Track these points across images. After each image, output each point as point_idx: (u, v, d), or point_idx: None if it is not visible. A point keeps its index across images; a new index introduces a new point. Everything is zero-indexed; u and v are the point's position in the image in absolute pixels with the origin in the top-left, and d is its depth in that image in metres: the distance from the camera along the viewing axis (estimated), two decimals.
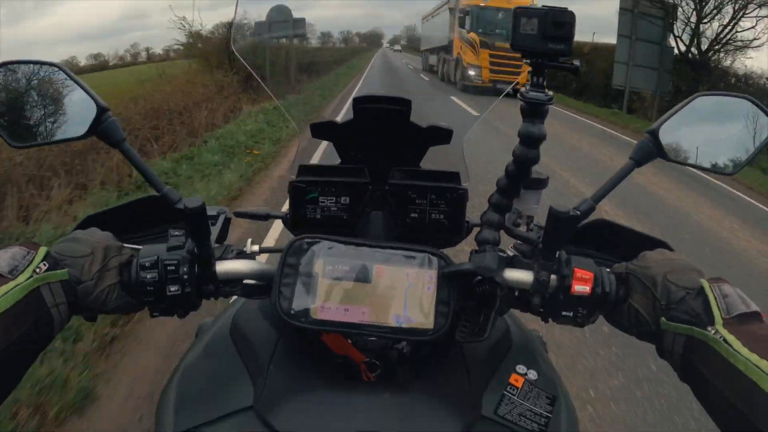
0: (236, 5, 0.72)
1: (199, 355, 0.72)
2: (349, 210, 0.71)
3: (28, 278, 0.50)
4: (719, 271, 0.78)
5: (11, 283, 0.49)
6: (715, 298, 0.51)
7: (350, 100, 0.68)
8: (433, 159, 0.75)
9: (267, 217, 0.76)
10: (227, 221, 0.74)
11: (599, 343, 2.59)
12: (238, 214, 0.77)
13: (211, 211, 0.72)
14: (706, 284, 0.53)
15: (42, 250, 0.54)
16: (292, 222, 0.72)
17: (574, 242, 0.72)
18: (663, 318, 0.54)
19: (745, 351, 0.45)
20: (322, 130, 0.71)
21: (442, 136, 0.70)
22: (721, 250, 4.49)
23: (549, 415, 0.64)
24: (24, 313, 0.49)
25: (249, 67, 0.73)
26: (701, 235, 4.87)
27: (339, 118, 0.71)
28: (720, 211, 5.82)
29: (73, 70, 0.61)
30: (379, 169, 0.71)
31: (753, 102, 0.63)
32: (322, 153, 2.80)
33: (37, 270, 0.52)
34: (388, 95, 0.66)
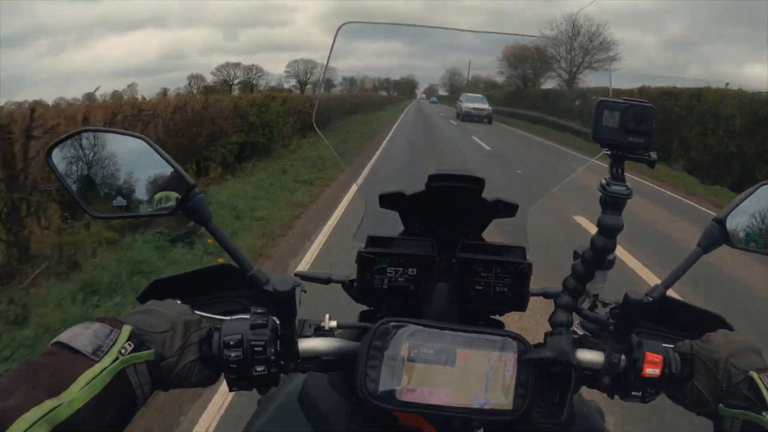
0: (322, 74, 0.72)
1: (268, 422, 0.71)
2: (415, 281, 0.72)
3: (114, 360, 0.49)
4: None
5: (97, 366, 0.48)
6: (765, 387, 0.54)
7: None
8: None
9: (329, 281, 0.76)
10: (301, 294, 0.73)
11: None
12: (300, 275, 0.77)
13: (284, 283, 0.72)
14: (755, 375, 0.55)
15: (126, 329, 0.53)
16: (359, 290, 0.72)
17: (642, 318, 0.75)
18: (721, 405, 0.57)
19: None
20: (391, 200, 0.72)
21: (507, 209, 0.72)
22: None
23: None
24: (110, 396, 0.48)
25: (330, 145, 0.74)
26: None
27: (408, 191, 0.71)
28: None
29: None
30: (445, 241, 0.72)
31: None
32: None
33: (123, 351, 0.51)
34: (462, 173, 0.67)
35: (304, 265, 4.25)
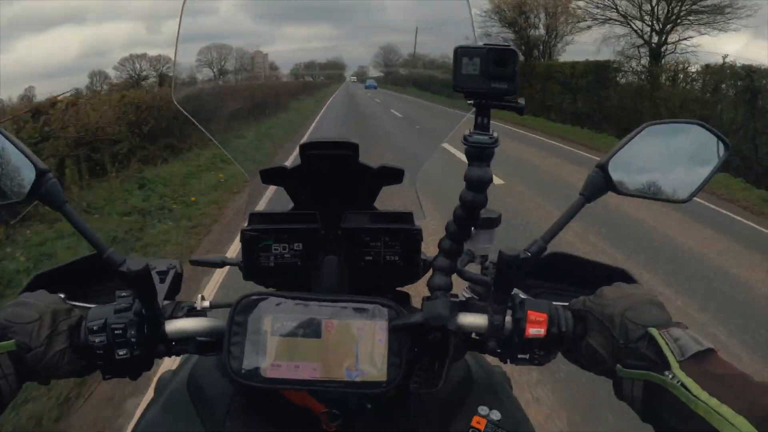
0: (176, 48, 0.71)
1: (158, 412, 0.70)
2: (302, 256, 0.70)
3: None
4: None
5: None
6: (666, 343, 0.50)
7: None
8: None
9: (223, 265, 0.75)
10: (178, 276, 0.72)
11: None
12: (194, 262, 0.76)
13: (160, 266, 0.71)
14: (655, 332, 0.51)
15: None
16: (245, 271, 0.71)
17: (533, 276, 0.71)
18: (618, 365, 0.53)
19: (704, 395, 0.44)
20: (273, 176, 0.70)
21: (393, 176, 0.69)
22: None
23: None
24: None
25: (195, 120, 0.73)
26: None
27: (289, 163, 0.70)
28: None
29: None
30: (331, 213, 0.70)
31: (704, 126, 0.62)
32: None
33: None
34: (334, 140, 0.65)
35: None
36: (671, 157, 0.63)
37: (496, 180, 5.72)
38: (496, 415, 0.66)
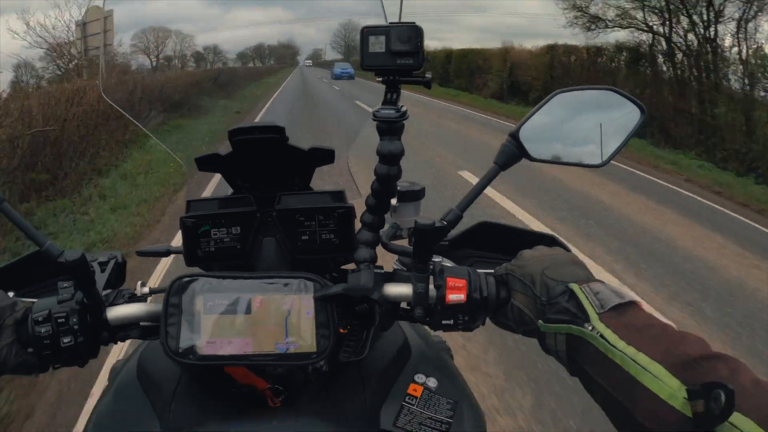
0: (103, 38, 0.72)
1: (110, 400, 0.73)
2: (241, 239, 0.72)
3: None
4: None
5: None
6: (586, 297, 0.51)
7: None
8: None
9: (168, 253, 0.77)
10: (120, 266, 0.74)
11: None
12: (141, 253, 0.77)
13: (102, 257, 0.73)
14: (575, 286, 0.53)
15: None
16: (187, 258, 0.73)
17: (463, 246, 0.73)
18: (540, 321, 0.54)
19: (621, 344, 0.46)
20: (208, 162, 0.71)
21: (325, 156, 0.71)
22: None
23: (450, 420, 0.65)
24: None
25: (125, 113, 0.73)
26: None
27: (222, 151, 0.71)
28: None
29: None
30: (267, 196, 0.72)
31: (617, 92, 0.64)
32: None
33: None
34: (260, 124, 0.67)
35: None
36: (585, 123, 0.65)
37: None
38: (432, 382, 0.69)
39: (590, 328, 0.49)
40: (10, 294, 0.71)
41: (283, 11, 1.17)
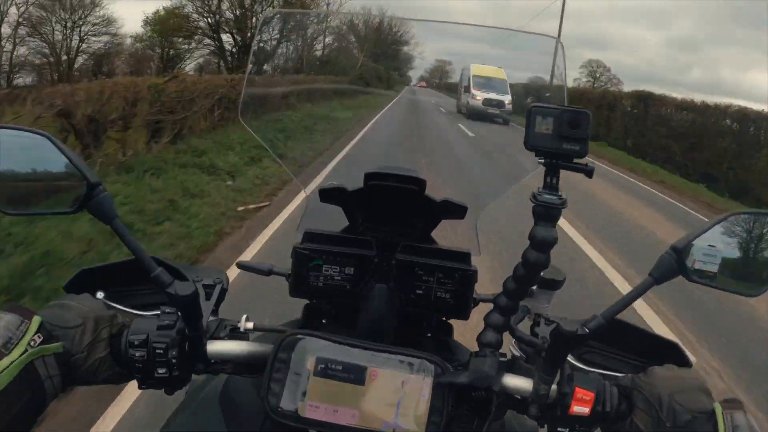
0: (247, 69, 0.67)
1: (188, 417, 0.71)
2: (352, 281, 0.69)
3: (23, 353, 0.50)
4: None
5: (5, 360, 0.48)
6: (725, 429, 0.49)
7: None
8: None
9: (270, 273, 0.74)
10: (223, 292, 0.71)
11: None
12: (241, 266, 0.75)
13: (207, 279, 0.69)
14: (719, 410, 0.51)
15: (36, 321, 0.53)
16: (293, 286, 0.70)
17: None
18: None
19: None
20: (331, 195, 0.68)
21: (456, 211, 0.67)
22: None
23: None
24: (19, 389, 0.49)
25: (256, 135, 0.70)
26: None
27: (349, 186, 0.67)
28: None
29: None
30: (387, 241, 0.68)
31: None
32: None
33: (32, 343, 0.51)
34: (401, 173, 0.63)
35: None
36: (747, 247, 0.60)
37: None
38: None
39: None
40: (99, 295, 0.68)
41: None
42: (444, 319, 0.75)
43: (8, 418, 0.47)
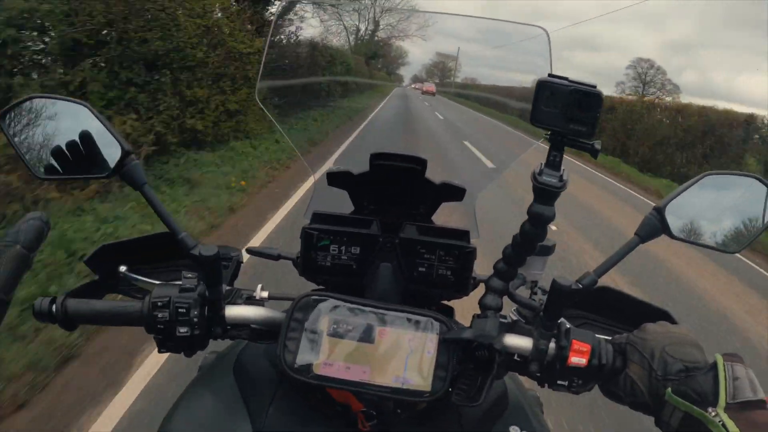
0: (265, 47, 0.73)
1: (202, 390, 0.73)
2: (358, 260, 0.72)
3: None
4: None
5: None
6: (725, 379, 0.50)
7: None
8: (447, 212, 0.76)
9: (278, 258, 0.77)
10: (239, 264, 0.75)
11: None
12: (250, 251, 0.78)
13: (224, 252, 0.73)
14: (720, 361, 0.52)
15: None
16: (302, 266, 0.73)
17: (579, 307, 0.73)
18: (669, 389, 0.54)
19: None
20: (339, 179, 0.72)
21: (455, 193, 0.72)
22: None
23: None
24: None
25: (275, 120, 0.75)
26: None
27: (355, 169, 0.72)
28: None
29: None
30: (390, 222, 0.72)
31: (761, 180, 0.64)
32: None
33: None
34: (404, 153, 0.68)
35: None
36: (725, 207, 0.66)
37: None
38: None
39: (713, 414, 0.48)
40: (122, 268, 0.71)
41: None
42: (445, 302, 0.79)
43: None
